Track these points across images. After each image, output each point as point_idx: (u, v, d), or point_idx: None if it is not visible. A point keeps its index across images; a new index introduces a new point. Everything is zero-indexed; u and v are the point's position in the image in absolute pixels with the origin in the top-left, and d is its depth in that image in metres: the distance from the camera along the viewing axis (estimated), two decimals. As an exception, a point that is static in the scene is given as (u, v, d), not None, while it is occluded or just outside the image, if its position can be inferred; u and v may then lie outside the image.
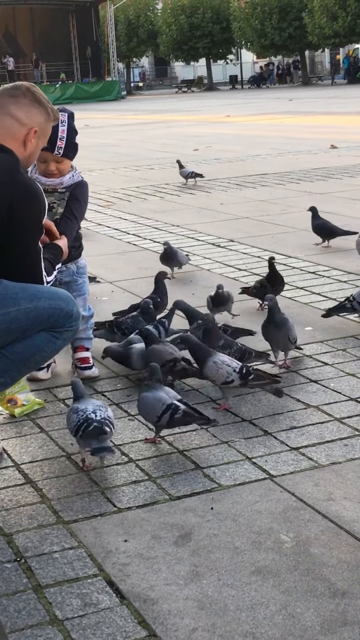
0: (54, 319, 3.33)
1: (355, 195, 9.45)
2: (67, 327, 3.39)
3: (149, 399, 3.38)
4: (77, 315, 3.43)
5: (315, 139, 16.59)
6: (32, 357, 3.37)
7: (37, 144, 3.39)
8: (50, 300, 3.33)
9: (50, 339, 3.36)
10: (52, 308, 3.32)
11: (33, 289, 3.32)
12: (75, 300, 3.96)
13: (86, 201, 4.29)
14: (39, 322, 3.31)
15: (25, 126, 3.30)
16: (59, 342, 3.40)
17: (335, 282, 5.79)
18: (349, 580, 2.45)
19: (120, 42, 56.72)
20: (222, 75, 66.09)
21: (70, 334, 3.46)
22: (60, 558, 2.64)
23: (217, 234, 7.72)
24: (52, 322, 3.33)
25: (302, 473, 3.12)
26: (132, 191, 10.98)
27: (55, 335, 3.37)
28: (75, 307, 3.43)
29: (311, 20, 49.00)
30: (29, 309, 3.27)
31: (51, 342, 3.37)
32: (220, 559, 2.59)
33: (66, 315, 3.36)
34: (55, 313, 3.33)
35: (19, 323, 3.25)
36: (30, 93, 3.38)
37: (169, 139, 18.99)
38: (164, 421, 3.35)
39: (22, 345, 3.30)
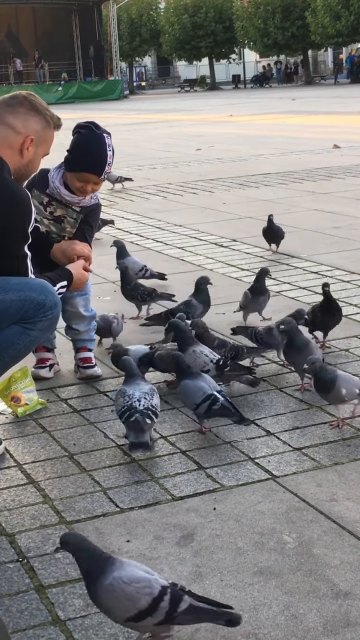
0: (24, 311, 3.29)
1: (358, 195, 9.45)
2: (41, 316, 3.35)
3: (189, 386, 3.45)
4: (51, 304, 3.37)
5: (318, 138, 16.58)
6: (5, 351, 3.34)
7: (37, 152, 3.40)
8: (19, 292, 3.30)
9: (22, 331, 3.33)
10: (21, 300, 3.29)
11: (2, 282, 3.30)
12: (76, 302, 3.99)
13: (97, 223, 4.37)
14: (8, 316, 3.28)
15: (21, 135, 3.32)
16: (33, 332, 3.36)
17: (338, 282, 5.78)
18: (352, 581, 2.44)
19: (122, 42, 56.77)
20: (225, 75, 66.12)
21: (47, 323, 3.41)
22: (63, 558, 2.64)
23: (219, 234, 7.72)
24: (22, 314, 3.30)
25: (304, 473, 3.11)
26: (135, 191, 10.98)
27: (27, 327, 3.33)
28: (50, 296, 3.38)
29: (314, 20, 48.98)
30: None
31: (24, 335, 3.34)
32: (223, 560, 2.59)
33: (37, 305, 3.32)
34: (25, 304, 3.29)
35: None
36: (28, 102, 3.39)
37: (171, 139, 18.99)
38: (201, 410, 3.40)
39: None
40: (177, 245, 7.37)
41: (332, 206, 8.81)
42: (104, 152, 4.01)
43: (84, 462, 3.30)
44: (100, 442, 3.48)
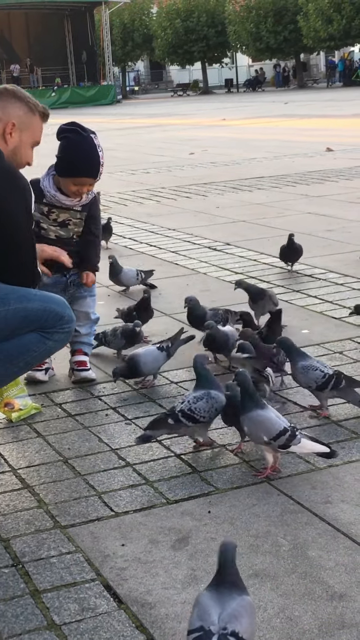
0: (44, 320, 3.32)
1: (352, 198, 9.46)
2: (59, 328, 3.38)
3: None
4: (69, 319, 3.41)
5: (311, 142, 16.61)
6: (21, 356, 3.36)
7: (22, 139, 3.39)
8: (41, 302, 3.33)
9: (40, 339, 3.35)
10: (43, 309, 3.32)
11: (25, 291, 3.32)
12: (87, 302, 4.02)
13: (100, 213, 4.42)
14: (29, 322, 3.30)
15: (2, 121, 3.35)
16: (49, 342, 3.39)
17: (331, 284, 5.80)
18: (347, 583, 2.45)
19: (115, 46, 56.82)
20: (218, 79, 66.21)
21: (62, 336, 3.44)
22: (58, 563, 2.64)
23: (213, 238, 7.73)
24: (42, 323, 3.33)
25: (299, 476, 3.12)
26: (129, 195, 10.99)
27: (45, 335, 3.36)
28: (67, 310, 3.42)
29: (306, 24, 49.09)
30: (18, 309, 3.27)
31: (41, 343, 3.36)
32: (218, 563, 2.58)
33: (57, 317, 3.35)
34: (45, 314, 3.32)
35: (7, 323, 3.25)
36: (8, 91, 3.45)
37: (165, 143, 19.01)
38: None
39: (10, 344, 3.30)
40: (171, 249, 7.37)
41: (326, 209, 8.82)
42: (95, 154, 4.06)
43: (79, 467, 3.30)
44: (95, 447, 3.48)
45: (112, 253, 6.47)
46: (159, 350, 4.10)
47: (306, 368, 3.58)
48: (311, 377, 3.56)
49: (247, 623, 2.02)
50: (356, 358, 4.31)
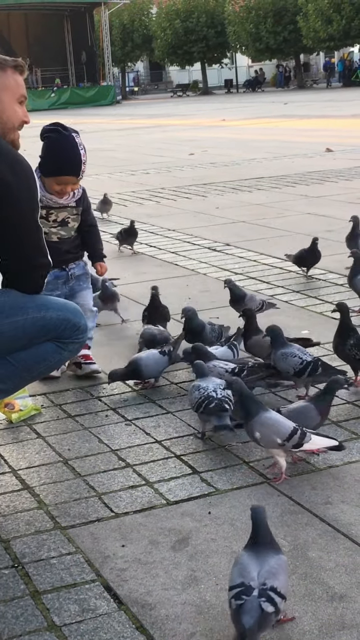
0: (61, 330, 3.32)
1: (351, 199, 9.46)
2: (74, 338, 3.38)
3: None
4: (84, 328, 3.41)
5: (310, 142, 16.61)
6: (37, 366, 3.36)
7: (3, 99, 3.30)
8: (58, 311, 3.32)
9: (56, 349, 3.35)
10: (60, 319, 3.31)
11: (42, 300, 3.31)
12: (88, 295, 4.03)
13: (90, 204, 4.52)
14: (46, 332, 3.29)
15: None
16: (65, 353, 3.40)
17: (331, 285, 5.80)
18: (347, 584, 2.45)
19: (115, 47, 56.82)
20: (217, 79, 66.22)
21: (76, 346, 3.45)
22: (58, 564, 2.64)
23: (213, 238, 7.73)
24: (59, 333, 3.32)
25: (299, 477, 3.12)
26: (128, 196, 10.98)
27: (61, 346, 3.36)
28: (83, 320, 3.41)
29: (306, 24, 49.11)
30: (36, 318, 3.26)
31: (57, 353, 3.37)
32: (218, 564, 2.59)
33: (73, 327, 3.35)
34: (63, 324, 3.32)
35: (25, 332, 3.23)
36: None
37: (164, 144, 19.01)
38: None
39: (27, 353, 3.29)
40: (171, 250, 7.38)
41: (325, 210, 8.82)
42: (77, 152, 4.11)
43: (79, 468, 3.30)
44: (95, 447, 3.48)
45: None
46: (160, 355, 4.09)
47: (285, 355, 3.73)
48: (290, 363, 3.73)
49: (284, 580, 2.23)
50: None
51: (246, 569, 2.23)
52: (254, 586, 2.18)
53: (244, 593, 2.17)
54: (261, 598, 2.16)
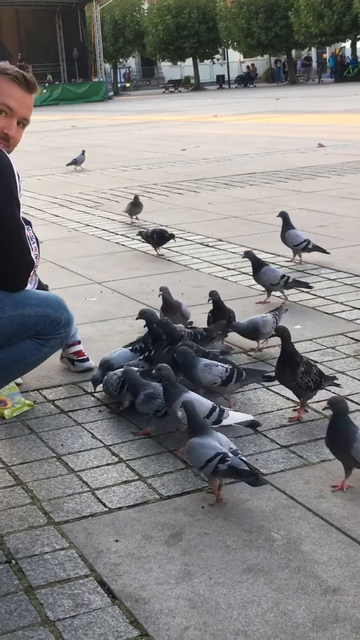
0: (40, 326, 3.29)
1: (343, 194, 9.47)
2: (55, 334, 3.36)
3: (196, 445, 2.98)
4: (66, 322, 3.38)
5: (302, 137, 16.61)
6: (15, 365, 3.34)
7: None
8: (37, 307, 3.28)
9: (35, 346, 3.33)
10: (39, 315, 3.27)
11: (20, 296, 3.27)
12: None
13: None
14: (25, 330, 3.27)
15: None
16: (45, 349, 3.37)
17: (324, 279, 5.80)
18: (340, 577, 2.45)
19: (106, 43, 56.71)
20: (209, 75, 66.13)
21: (58, 341, 3.42)
22: (52, 559, 2.64)
23: (205, 234, 7.72)
24: (38, 329, 3.29)
25: (292, 471, 3.12)
26: (120, 192, 10.97)
27: (41, 342, 3.33)
28: (65, 313, 3.38)
29: (297, 20, 49.11)
30: (13, 317, 3.23)
31: (36, 350, 3.35)
32: (212, 558, 2.59)
33: (53, 322, 3.32)
34: (42, 320, 3.28)
35: (2, 331, 3.21)
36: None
37: (156, 140, 18.99)
38: (208, 470, 2.93)
39: (5, 352, 3.27)
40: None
41: (318, 205, 8.83)
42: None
43: (72, 463, 3.30)
44: (88, 443, 3.48)
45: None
46: (132, 352, 4.07)
47: (208, 366, 3.60)
48: (215, 373, 3.58)
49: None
50: (348, 353, 4.32)
51: (211, 445, 2.81)
52: (226, 451, 2.80)
53: (225, 456, 2.78)
54: (237, 455, 2.80)
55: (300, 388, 3.54)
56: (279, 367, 3.60)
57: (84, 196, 10.80)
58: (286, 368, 3.54)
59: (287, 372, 3.53)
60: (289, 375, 3.53)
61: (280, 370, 3.59)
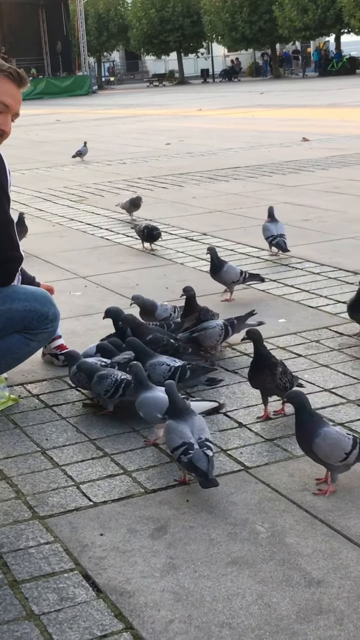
0: (28, 321, 3.29)
1: (328, 188, 9.49)
2: (42, 328, 3.36)
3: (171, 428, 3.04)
4: (53, 317, 3.39)
5: (287, 132, 16.63)
6: (3, 359, 3.34)
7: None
8: (25, 302, 3.28)
9: (23, 341, 3.33)
10: (27, 310, 3.28)
11: (8, 291, 3.27)
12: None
13: None
14: (13, 324, 3.27)
15: None
16: (33, 343, 3.37)
17: (308, 274, 5.82)
18: (324, 569, 2.46)
19: (90, 37, 56.55)
20: (194, 69, 66.07)
21: (46, 336, 3.43)
22: (36, 553, 2.64)
23: (190, 228, 7.72)
24: (26, 324, 3.29)
25: (276, 464, 3.13)
26: (105, 186, 10.96)
27: (29, 337, 3.33)
28: (52, 308, 3.38)
29: (281, 14, 49.11)
30: (1, 311, 3.23)
31: (24, 344, 3.34)
32: (196, 551, 2.60)
33: (41, 317, 3.32)
34: (30, 315, 3.29)
35: None
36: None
37: (141, 134, 18.96)
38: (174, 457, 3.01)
39: None
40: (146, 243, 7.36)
41: (302, 199, 8.84)
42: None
43: (57, 457, 3.30)
44: (73, 437, 3.47)
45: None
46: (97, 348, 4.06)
47: (153, 365, 3.59)
48: (159, 372, 3.57)
49: (208, 431, 3.00)
50: (332, 346, 4.34)
51: (182, 432, 2.91)
52: (193, 442, 2.88)
53: (189, 448, 2.86)
54: (202, 448, 2.87)
55: (279, 389, 3.48)
56: (254, 370, 3.53)
57: (68, 190, 10.77)
58: (264, 370, 3.47)
59: (266, 375, 3.46)
60: (268, 377, 3.45)
61: (257, 373, 3.51)
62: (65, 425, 3.60)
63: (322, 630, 2.20)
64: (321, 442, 2.84)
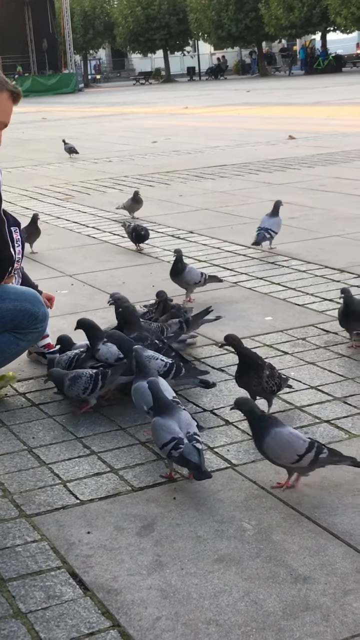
0: (18, 320, 3.29)
1: (314, 186, 9.51)
2: (32, 328, 3.36)
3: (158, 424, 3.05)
4: (43, 317, 3.40)
5: (273, 130, 16.65)
6: None
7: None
8: (15, 301, 3.29)
9: (13, 340, 3.33)
10: (17, 309, 3.28)
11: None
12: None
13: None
14: (3, 324, 3.27)
15: None
16: (22, 343, 3.38)
17: (294, 271, 5.83)
18: (311, 566, 2.47)
19: (76, 34, 56.44)
20: (180, 67, 66.01)
21: (35, 336, 3.43)
22: (23, 551, 2.64)
23: (176, 226, 7.72)
24: (16, 323, 3.30)
25: (263, 461, 3.13)
26: (91, 184, 10.95)
27: (19, 336, 3.34)
28: (42, 308, 3.39)
29: (267, 12, 49.14)
30: None
31: (14, 344, 3.35)
32: (183, 548, 2.60)
33: (31, 317, 3.33)
34: (20, 314, 3.29)
35: None
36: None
37: (127, 132, 18.95)
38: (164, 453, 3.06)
39: None
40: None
41: (288, 197, 8.83)
42: None
43: (43, 456, 3.30)
44: (59, 435, 3.47)
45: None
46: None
47: (148, 358, 3.57)
48: (154, 366, 3.54)
49: (194, 422, 3.05)
50: (319, 344, 4.35)
51: (170, 427, 2.95)
52: (182, 437, 2.92)
53: (179, 443, 2.90)
54: (192, 442, 2.91)
55: (265, 392, 3.47)
56: (241, 372, 3.51)
57: (54, 188, 10.76)
58: (250, 373, 3.45)
59: (252, 377, 3.45)
60: (254, 379, 3.44)
61: (244, 375, 3.49)
62: (52, 423, 3.60)
63: (309, 627, 2.21)
64: (271, 441, 2.85)
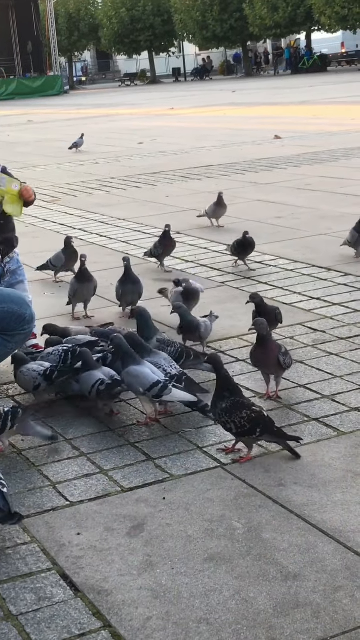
0: (6, 322, 3.30)
1: (300, 185, 9.52)
2: (20, 330, 3.37)
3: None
4: (30, 319, 3.40)
5: (259, 130, 16.66)
6: None
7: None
8: (2, 303, 3.29)
9: (1, 342, 3.34)
10: (4, 311, 3.29)
11: None
12: (25, 286, 3.95)
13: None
14: None
15: None
16: (10, 345, 3.38)
17: (281, 270, 5.84)
18: (301, 564, 2.48)
19: (61, 37, 56.30)
20: (165, 68, 65.95)
21: (22, 337, 3.43)
22: (13, 554, 2.64)
23: (163, 227, 7.70)
24: (4, 325, 3.30)
25: (252, 460, 3.14)
26: (78, 186, 10.94)
27: (6, 338, 3.34)
28: (29, 310, 3.40)
29: (252, 12, 49.16)
30: None
31: (2, 345, 3.35)
32: (174, 548, 2.61)
33: (18, 319, 3.33)
34: (7, 316, 3.30)
35: None
36: None
37: (113, 133, 18.93)
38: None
39: None
40: (121, 239, 7.37)
41: (275, 196, 8.87)
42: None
43: (33, 458, 3.30)
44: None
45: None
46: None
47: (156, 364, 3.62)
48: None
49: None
50: (306, 343, 4.36)
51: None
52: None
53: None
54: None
55: (221, 424, 3.19)
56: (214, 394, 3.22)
57: (41, 191, 10.72)
58: (214, 398, 3.19)
59: (213, 403, 3.19)
60: (213, 407, 3.19)
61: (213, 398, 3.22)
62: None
63: (299, 624, 2.22)
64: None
